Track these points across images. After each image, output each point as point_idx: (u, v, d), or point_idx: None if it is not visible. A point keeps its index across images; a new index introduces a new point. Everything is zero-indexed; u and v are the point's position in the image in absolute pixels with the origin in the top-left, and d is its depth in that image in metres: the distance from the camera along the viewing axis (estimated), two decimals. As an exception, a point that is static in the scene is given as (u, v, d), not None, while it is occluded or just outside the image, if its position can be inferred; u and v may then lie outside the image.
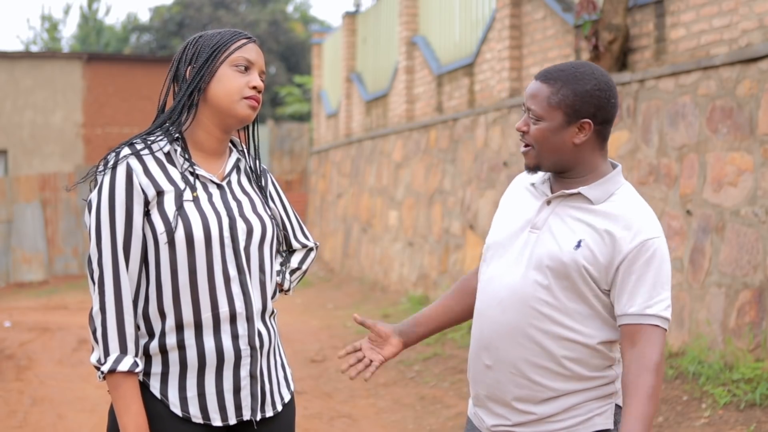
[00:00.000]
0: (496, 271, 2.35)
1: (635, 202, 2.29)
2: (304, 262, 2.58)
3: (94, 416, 6.24)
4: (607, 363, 2.29)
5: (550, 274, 2.24)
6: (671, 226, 6.35)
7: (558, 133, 2.26)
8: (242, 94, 2.26)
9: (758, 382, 5.23)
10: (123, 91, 20.58)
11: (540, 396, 2.27)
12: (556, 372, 2.25)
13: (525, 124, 2.31)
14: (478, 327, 2.37)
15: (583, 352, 2.25)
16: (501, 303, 2.30)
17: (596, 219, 2.26)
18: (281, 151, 18.90)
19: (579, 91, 2.25)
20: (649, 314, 2.20)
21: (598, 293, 2.25)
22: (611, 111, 2.29)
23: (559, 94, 2.26)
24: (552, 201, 2.32)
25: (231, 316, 2.23)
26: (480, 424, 2.40)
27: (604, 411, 2.28)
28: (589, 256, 2.22)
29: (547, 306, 2.25)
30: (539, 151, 2.29)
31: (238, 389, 2.25)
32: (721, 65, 6.02)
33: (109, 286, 2.17)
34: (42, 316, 11.62)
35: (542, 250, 2.27)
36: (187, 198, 2.22)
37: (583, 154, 2.29)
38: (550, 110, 2.26)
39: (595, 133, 2.28)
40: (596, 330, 2.26)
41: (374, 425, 6.09)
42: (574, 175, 2.31)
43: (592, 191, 2.28)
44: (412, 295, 10.63)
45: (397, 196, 11.96)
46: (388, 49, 13.16)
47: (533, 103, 2.28)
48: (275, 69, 27.97)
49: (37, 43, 35.49)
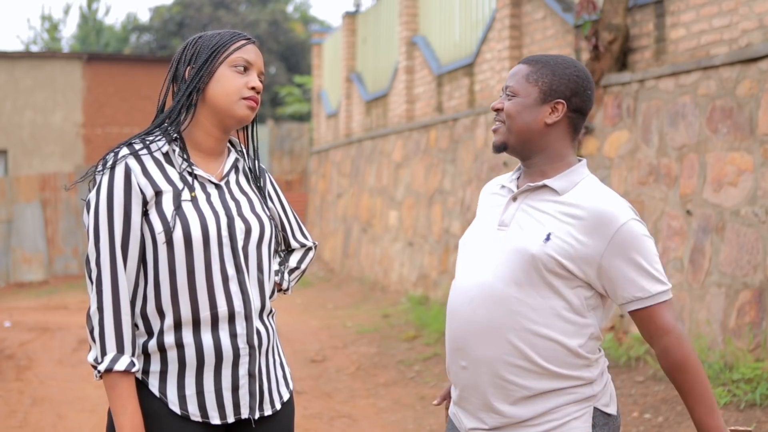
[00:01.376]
0: (466, 270, 2.34)
1: (600, 189, 2.28)
2: (303, 262, 2.59)
3: (94, 416, 6.24)
4: (583, 362, 2.24)
5: (520, 270, 2.21)
6: (671, 226, 6.35)
7: (531, 110, 2.28)
8: (241, 95, 2.27)
9: (758, 382, 5.23)
10: (123, 91, 20.58)
11: (515, 395, 2.23)
12: (529, 370, 2.21)
13: (500, 102, 2.33)
14: (450, 327, 2.34)
15: (557, 349, 2.21)
16: (472, 302, 2.27)
17: (563, 209, 2.24)
18: (281, 151, 18.90)
19: (558, 72, 2.29)
20: (651, 295, 2.20)
21: (573, 286, 2.21)
22: (586, 102, 2.30)
23: (538, 72, 2.29)
24: (518, 197, 2.32)
25: (229, 315, 2.23)
26: (459, 425, 2.37)
27: (581, 415, 2.24)
28: (561, 247, 2.20)
29: (518, 303, 2.21)
30: (509, 126, 2.30)
31: (237, 388, 2.25)
32: (721, 65, 6.02)
33: (106, 285, 2.17)
34: (42, 316, 11.62)
35: (511, 246, 2.25)
36: (185, 198, 2.23)
37: (551, 137, 2.29)
38: (527, 86, 2.29)
39: (567, 118, 2.29)
40: (570, 326, 2.22)
41: (374, 425, 6.09)
42: (541, 162, 2.31)
43: (557, 182, 2.28)
44: (412, 295, 10.63)
45: (397, 196, 11.96)
46: (388, 49, 13.16)
47: (512, 80, 2.32)
48: (275, 69, 27.97)
49: (37, 43, 35.49)
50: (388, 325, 9.41)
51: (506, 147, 2.32)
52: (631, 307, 2.22)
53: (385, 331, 9.16)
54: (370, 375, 7.50)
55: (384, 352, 8.26)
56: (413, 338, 8.57)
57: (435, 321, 8.81)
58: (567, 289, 2.22)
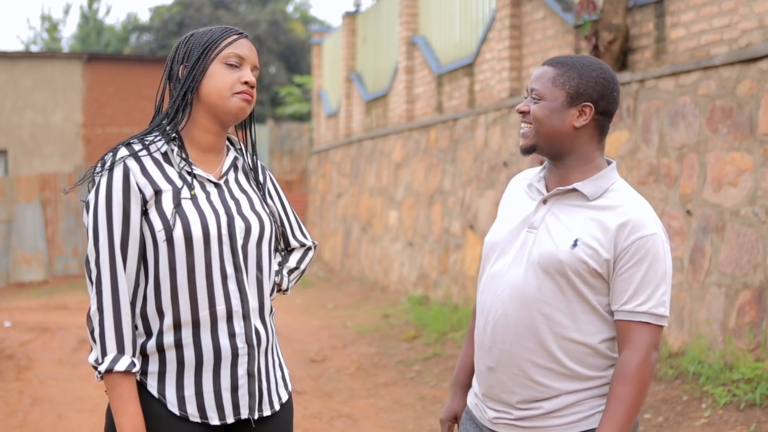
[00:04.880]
0: (497, 270, 2.35)
1: (631, 197, 2.28)
2: (303, 262, 2.59)
3: (94, 416, 6.24)
4: (608, 363, 2.28)
5: (548, 274, 2.24)
6: (671, 226, 6.35)
7: (558, 113, 2.27)
8: (233, 90, 2.26)
9: (758, 382, 5.23)
10: (123, 91, 20.57)
11: (542, 396, 2.27)
12: (558, 372, 2.25)
13: (526, 105, 2.32)
14: (482, 325, 2.36)
15: (585, 351, 2.25)
16: (504, 304, 2.30)
17: (592, 214, 2.25)
18: (281, 151, 18.89)
19: (584, 74, 2.28)
20: (639, 311, 2.20)
21: (598, 291, 2.24)
22: (613, 103, 2.30)
23: (564, 75, 2.28)
24: (548, 200, 2.32)
25: (227, 314, 2.23)
26: (482, 416, 2.40)
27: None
28: (589, 252, 2.22)
29: (547, 306, 2.24)
30: (537, 130, 2.29)
31: (236, 388, 2.25)
32: (721, 65, 6.02)
33: (106, 286, 2.17)
34: (42, 316, 11.62)
35: (539, 250, 2.27)
36: (185, 196, 2.23)
37: (580, 140, 2.29)
38: (554, 89, 2.28)
39: (594, 122, 2.29)
40: (597, 329, 2.26)
41: (374, 425, 6.09)
42: (569, 164, 2.31)
43: (586, 187, 2.28)
44: (412, 295, 10.63)
45: (397, 196, 11.96)
46: (388, 49, 13.16)
47: (537, 83, 2.30)
48: (275, 69, 27.96)
49: (37, 43, 35.48)
50: (388, 325, 9.41)
51: (535, 149, 2.32)
52: (619, 317, 2.23)
53: (385, 331, 9.16)
54: (370, 375, 7.50)
55: (384, 352, 8.25)
56: (413, 338, 8.57)
57: (435, 321, 8.81)
58: (593, 293, 2.24)
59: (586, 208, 2.27)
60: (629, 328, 2.21)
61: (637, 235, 2.21)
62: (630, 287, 2.21)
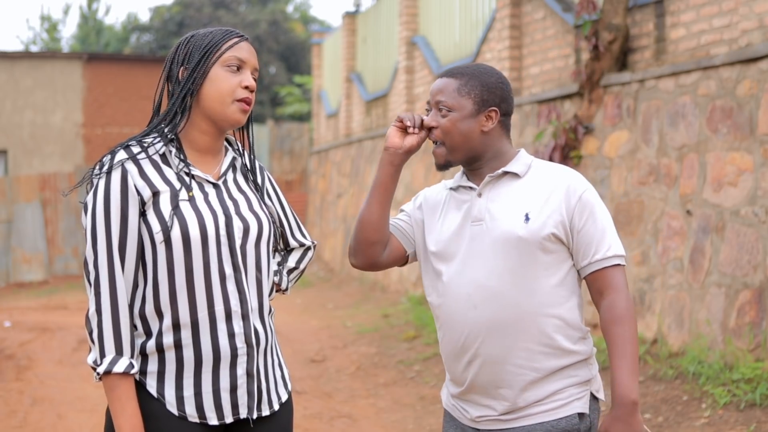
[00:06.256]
0: (452, 271, 2.40)
1: (554, 165, 2.45)
2: (302, 261, 2.59)
3: (94, 416, 6.24)
4: (580, 334, 2.38)
5: (510, 257, 2.32)
6: (671, 226, 6.35)
7: (467, 122, 2.39)
8: (234, 96, 2.26)
9: (758, 382, 5.23)
10: (123, 91, 20.57)
11: (526, 379, 2.34)
12: (539, 351, 2.33)
13: (434, 119, 2.41)
14: (450, 329, 2.41)
15: (559, 324, 2.34)
16: (469, 299, 2.36)
17: (529, 188, 2.38)
18: (281, 151, 18.89)
19: (485, 82, 2.42)
20: (610, 256, 2.34)
21: (557, 256, 2.34)
22: (511, 104, 2.46)
23: (467, 85, 2.40)
24: (482, 192, 2.41)
25: (226, 314, 2.24)
26: (462, 416, 2.45)
27: (582, 396, 2.38)
28: (543, 219, 2.33)
29: (515, 288, 2.32)
30: (450, 144, 2.40)
31: (235, 387, 2.25)
32: (721, 65, 6.02)
33: (105, 287, 2.17)
34: (42, 316, 11.62)
35: (494, 234, 2.35)
36: (182, 197, 2.23)
37: (490, 141, 2.42)
38: (461, 99, 2.39)
39: (499, 123, 2.43)
40: (565, 299, 2.35)
41: (374, 425, 6.09)
42: (486, 162, 2.43)
43: (514, 166, 2.41)
44: (412, 295, 10.63)
45: (397, 196, 11.96)
46: (388, 49, 13.16)
47: (442, 95, 2.41)
48: (275, 69, 27.96)
49: (37, 43, 35.47)
50: (388, 325, 9.41)
51: (451, 164, 2.42)
52: (592, 268, 2.34)
53: (385, 331, 9.16)
54: (370, 375, 7.50)
55: (384, 352, 8.25)
56: (413, 338, 8.57)
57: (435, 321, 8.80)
58: (556, 264, 2.35)
59: (522, 185, 2.39)
60: (605, 275, 2.34)
61: (578, 193, 2.35)
62: (593, 239, 2.33)
